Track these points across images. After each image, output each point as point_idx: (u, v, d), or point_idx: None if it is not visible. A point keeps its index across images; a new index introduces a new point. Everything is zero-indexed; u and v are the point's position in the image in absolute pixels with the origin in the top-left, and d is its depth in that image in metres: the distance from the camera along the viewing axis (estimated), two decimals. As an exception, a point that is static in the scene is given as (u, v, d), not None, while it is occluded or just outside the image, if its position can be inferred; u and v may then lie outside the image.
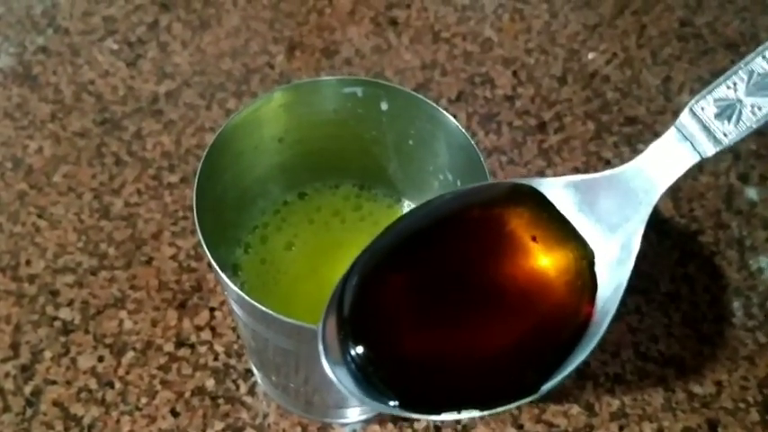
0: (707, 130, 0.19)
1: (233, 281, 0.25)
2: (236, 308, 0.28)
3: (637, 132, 0.48)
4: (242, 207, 0.33)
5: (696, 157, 0.20)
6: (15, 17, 0.51)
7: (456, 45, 0.51)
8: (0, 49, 0.49)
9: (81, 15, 0.52)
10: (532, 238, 0.21)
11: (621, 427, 0.36)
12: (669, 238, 0.43)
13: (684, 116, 0.20)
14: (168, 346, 0.38)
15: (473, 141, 0.28)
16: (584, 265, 0.21)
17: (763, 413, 0.37)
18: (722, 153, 0.20)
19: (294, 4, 0.53)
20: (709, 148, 0.19)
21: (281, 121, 0.31)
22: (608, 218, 0.21)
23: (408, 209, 0.35)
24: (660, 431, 0.36)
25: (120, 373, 0.37)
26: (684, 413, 0.37)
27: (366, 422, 0.36)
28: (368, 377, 0.20)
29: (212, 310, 0.39)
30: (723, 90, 0.20)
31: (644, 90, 0.50)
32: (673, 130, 0.20)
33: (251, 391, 0.36)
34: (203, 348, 0.38)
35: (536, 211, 0.21)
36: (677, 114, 0.45)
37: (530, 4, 0.55)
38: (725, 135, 0.19)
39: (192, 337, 0.38)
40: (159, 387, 0.36)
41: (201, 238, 0.26)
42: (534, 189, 0.22)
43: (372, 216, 0.34)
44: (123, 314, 0.38)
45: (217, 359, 0.37)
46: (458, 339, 0.21)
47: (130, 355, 0.37)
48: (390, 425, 0.36)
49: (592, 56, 0.52)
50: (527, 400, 0.20)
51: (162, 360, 0.37)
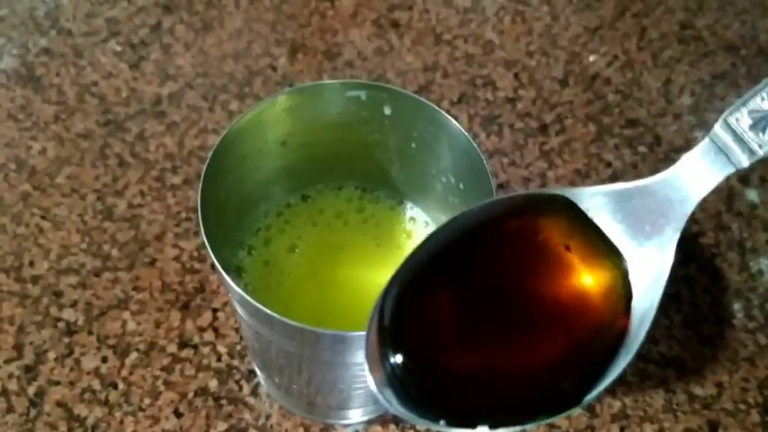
0: (741, 142, 0.20)
1: (236, 283, 0.25)
2: (239, 309, 0.28)
3: (638, 135, 0.48)
4: (245, 209, 0.33)
5: (731, 168, 0.20)
6: (19, 18, 0.51)
7: (457, 47, 0.52)
8: (3, 51, 0.50)
9: (84, 17, 0.52)
10: (566, 248, 0.21)
11: (622, 429, 0.37)
12: (670, 240, 0.43)
13: (718, 127, 0.20)
14: (171, 347, 0.38)
15: (475, 144, 0.28)
16: (618, 276, 0.21)
17: (763, 414, 0.37)
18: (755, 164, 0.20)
19: (296, 7, 0.53)
20: (744, 160, 0.19)
21: (284, 124, 0.31)
22: (641, 228, 0.21)
23: (411, 211, 0.35)
24: (661, 432, 0.37)
25: (124, 373, 0.37)
26: (685, 414, 0.37)
27: (368, 423, 0.36)
28: (405, 388, 0.20)
29: (215, 311, 0.39)
30: (757, 102, 0.20)
31: (645, 92, 0.50)
32: (707, 140, 0.20)
33: (254, 392, 0.37)
34: (206, 349, 0.38)
35: (570, 221, 0.21)
36: (678, 117, 0.46)
37: (531, 6, 0.55)
38: (760, 146, 0.19)
39: (195, 338, 0.38)
40: (162, 388, 0.37)
41: (206, 240, 0.26)
42: (568, 199, 0.22)
43: (375, 218, 0.35)
44: (126, 315, 0.39)
45: (220, 360, 0.37)
46: (497, 352, 0.21)
47: (134, 355, 0.37)
48: (393, 426, 0.36)
49: (593, 58, 0.52)
50: (570, 411, 0.20)
51: (165, 361, 0.37)
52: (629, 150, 0.47)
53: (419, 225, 0.35)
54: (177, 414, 0.36)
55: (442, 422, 0.20)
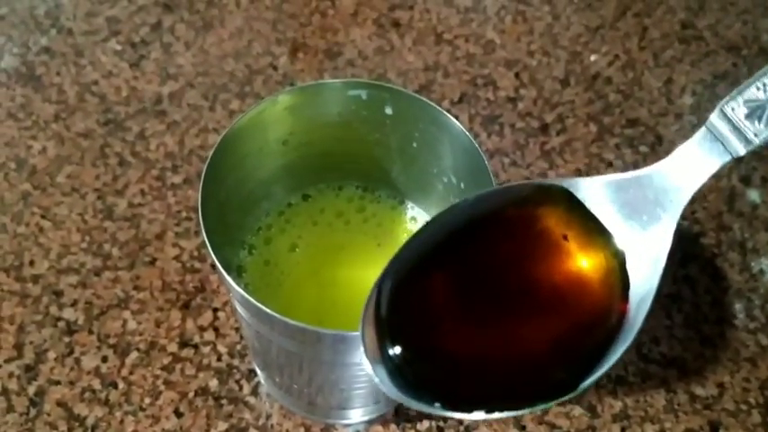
0: (737, 131, 0.20)
1: (237, 282, 0.25)
2: (240, 309, 0.28)
3: (639, 134, 0.48)
4: (246, 209, 0.33)
5: (727, 157, 0.20)
6: (19, 18, 0.51)
7: (458, 47, 0.52)
8: (3, 50, 0.49)
9: (84, 16, 0.52)
10: (564, 237, 0.21)
11: (623, 429, 0.37)
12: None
13: (715, 117, 0.20)
14: (172, 347, 0.38)
15: (477, 144, 0.28)
16: (615, 264, 0.21)
17: (764, 415, 0.37)
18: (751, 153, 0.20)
19: (297, 6, 0.53)
20: (740, 148, 0.20)
21: (285, 123, 0.31)
22: (639, 217, 0.21)
23: (412, 211, 0.35)
24: (662, 433, 0.37)
25: (124, 373, 0.37)
26: (686, 415, 0.37)
27: (369, 423, 0.36)
28: (405, 377, 0.20)
29: (215, 310, 0.39)
30: (753, 91, 0.20)
31: (646, 92, 0.50)
32: (703, 130, 0.20)
33: (254, 392, 0.37)
34: (207, 349, 0.38)
35: (568, 210, 0.22)
36: (679, 116, 0.46)
37: (532, 5, 0.55)
38: (755, 135, 0.19)
39: (196, 338, 0.38)
40: (163, 387, 0.36)
41: (206, 239, 0.26)
42: (565, 189, 0.22)
43: (376, 218, 0.35)
44: (127, 314, 0.39)
45: (220, 360, 0.37)
46: (494, 338, 0.21)
47: (134, 355, 0.37)
48: (393, 426, 0.36)
49: (594, 58, 0.52)
50: (567, 397, 0.20)
51: (165, 360, 0.37)
52: (630, 150, 0.47)
53: (420, 225, 0.35)
54: (177, 414, 0.36)
55: (437, 405, 0.20)
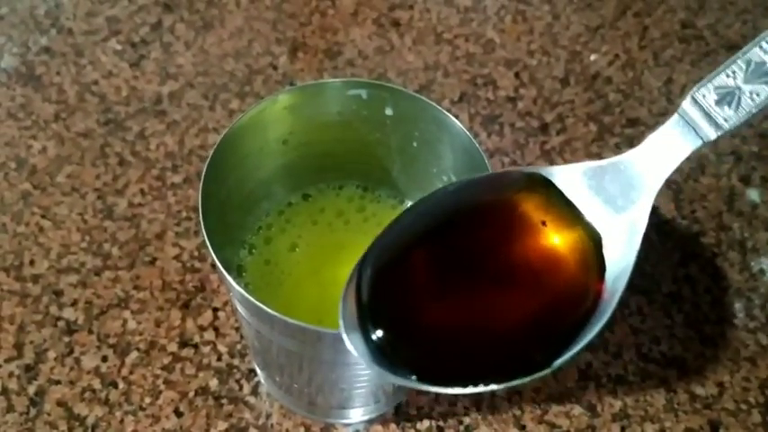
0: (708, 116, 0.20)
1: (237, 282, 0.25)
2: (240, 308, 0.28)
3: (639, 134, 0.48)
4: (246, 208, 0.33)
5: (699, 142, 0.21)
6: (19, 17, 0.51)
7: (458, 46, 0.52)
8: (3, 50, 0.49)
9: (84, 16, 0.52)
10: (542, 223, 0.22)
11: (623, 428, 0.37)
12: (671, 240, 0.43)
13: (686, 103, 0.21)
14: (172, 347, 0.38)
15: (477, 143, 0.28)
16: (592, 246, 0.22)
17: (764, 414, 0.37)
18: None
19: (297, 5, 0.53)
20: (711, 133, 0.20)
21: (285, 122, 0.31)
22: (615, 201, 0.22)
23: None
24: (662, 432, 0.37)
25: (124, 372, 0.37)
26: (686, 414, 0.37)
27: (369, 422, 0.36)
28: (387, 356, 0.21)
29: (215, 310, 0.39)
30: (723, 78, 0.20)
31: (646, 91, 0.50)
32: (676, 116, 0.21)
33: (254, 392, 0.37)
34: (207, 348, 0.38)
35: (545, 196, 0.22)
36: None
37: (532, 5, 0.55)
38: (725, 120, 0.20)
39: (196, 338, 0.38)
40: (163, 387, 0.36)
41: (207, 239, 0.26)
42: (543, 176, 0.22)
43: (376, 217, 0.35)
44: (127, 314, 0.39)
45: (220, 359, 0.37)
46: (472, 317, 0.22)
47: (134, 355, 0.37)
48: (393, 425, 0.36)
49: (594, 57, 0.52)
50: (541, 374, 0.21)
51: (165, 360, 0.37)
52: (630, 150, 0.47)
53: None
54: (177, 413, 0.36)
55: (413, 378, 0.21)
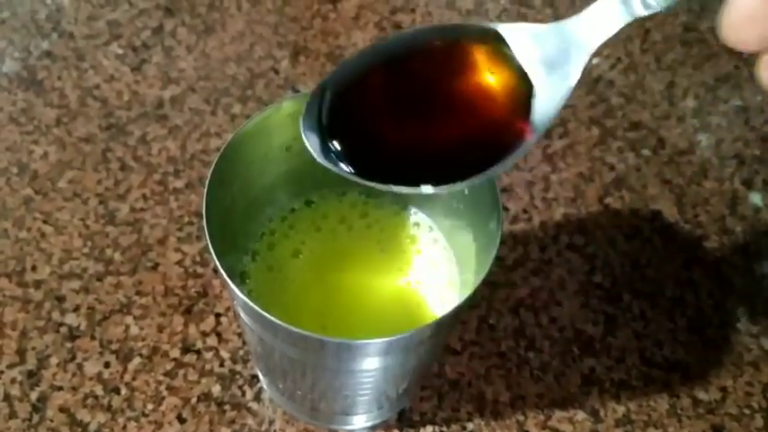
0: None
1: (240, 288, 0.25)
2: (243, 315, 0.28)
3: (641, 137, 0.48)
4: (250, 215, 0.33)
5: (629, 17, 0.24)
6: (20, 22, 0.51)
7: (460, 50, 0.51)
8: (5, 54, 0.49)
9: (86, 20, 0.52)
10: (485, 68, 0.26)
11: (627, 434, 0.37)
12: (674, 244, 0.43)
13: None
14: (174, 352, 0.38)
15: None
16: (524, 93, 0.25)
17: (767, 419, 0.37)
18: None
19: (299, 9, 0.53)
20: (641, 10, 0.23)
21: (289, 129, 0.31)
22: (551, 58, 0.25)
23: (415, 216, 0.35)
24: (665, 437, 0.37)
25: (127, 378, 0.37)
26: (689, 419, 0.37)
27: (372, 429, 0.36)
28: (349, 165, 0.25)
29: (218, 315, 0.39)
30: None
31: (648, 95, 0.50)
32: None
33: (257, 398, 0.36)
34: (209, 354, 0.38)
35: (493, 47, 0.26)
36: (682, 119, 0.45)
37: (534, 8, 0.55)
38: (656, 2, 0.23)
39: (198, 343, 0.38)
40: (165, 393, 0.36)
41: (210, 246, 0.26)
42: (495, 31, 0.26)
43: (379, 223, 0.34)
44: (129, 320, 0.38)
45: (223, 365, 0.37)
46: (414, 133, 0.26)
47: (137, 360, 0.37)
48: (396, 431, 0.36)
49: (596, 61, 0.52)
50: (461, 185, 0.25)
51: (168, 366, 0.37)
52: (632, 153, 0.47)
53: (423, 230, 0.35)
54: (180, 419, 0.36)
55: (349, 169, 0.25)
